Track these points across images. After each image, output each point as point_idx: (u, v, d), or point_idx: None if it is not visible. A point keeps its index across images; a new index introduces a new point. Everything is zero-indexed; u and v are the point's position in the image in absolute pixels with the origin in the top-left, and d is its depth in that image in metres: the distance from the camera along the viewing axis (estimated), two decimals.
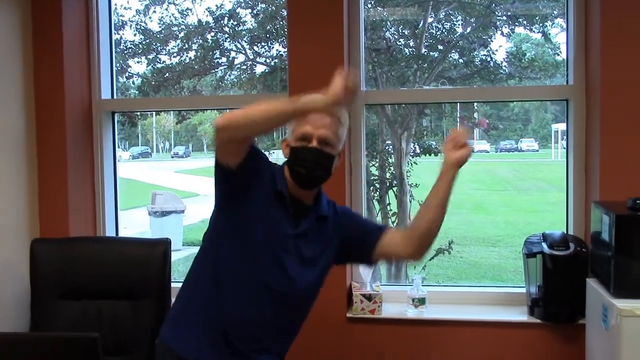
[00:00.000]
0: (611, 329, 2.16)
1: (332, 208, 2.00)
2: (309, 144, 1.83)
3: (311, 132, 1.83)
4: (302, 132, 1.84)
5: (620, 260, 2.22)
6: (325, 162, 1.85)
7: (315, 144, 1.83)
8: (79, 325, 2.62)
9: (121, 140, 4.25)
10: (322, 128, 1.83)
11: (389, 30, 3.83)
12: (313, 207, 1.93)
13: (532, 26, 3.73)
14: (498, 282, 6.00)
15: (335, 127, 1.86)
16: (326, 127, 1.83)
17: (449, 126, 4.97)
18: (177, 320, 1.96)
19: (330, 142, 1.85)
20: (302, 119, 1.83)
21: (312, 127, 1.83)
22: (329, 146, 1.85)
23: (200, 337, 1.88)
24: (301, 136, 1.84)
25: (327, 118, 1.83)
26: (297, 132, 1.85)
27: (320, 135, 1.83)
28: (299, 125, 1.85)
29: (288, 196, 1.88)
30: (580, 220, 2.78)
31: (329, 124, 1.83)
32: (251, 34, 3.84)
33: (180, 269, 5.24)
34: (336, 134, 1.86)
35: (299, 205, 1.90)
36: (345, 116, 1.91)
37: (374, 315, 2.79)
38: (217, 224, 1.94)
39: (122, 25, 3.73)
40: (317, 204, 1.94)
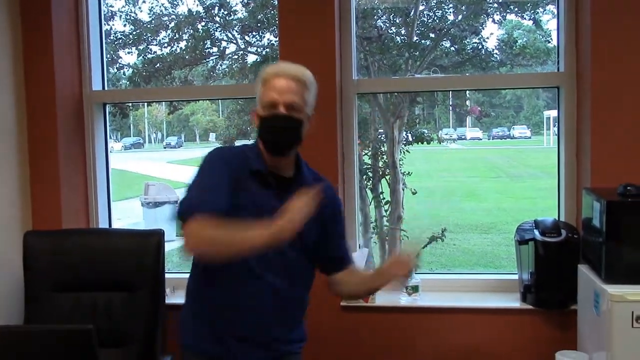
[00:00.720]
0: (602, 315, 2.17)
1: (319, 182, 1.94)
2: (276, 111, 1.83)
3: (277, 98, 1.83)
4: (268, 100, 1.84)
5: (611, 246, 2.23)
6: (293, 127, 1.85)
7: (283, 109, 1.83)
8: (74, 317, 2.62)
9: (113, 131, 4.24)
10: (288, 93, 1.83)
11: (380, 18, 3.82)
12: (295, 179, 1.92)
13: (524, 13, 3.73)
14: (491, 269, 6.04)
15: (302, 91, 1.86)
16: (292, 92, 1.84)
17: (441, 114, 4.98)
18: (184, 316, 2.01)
19: (297, 106, 1.84)
20: (267, 88, 1.84)
21: (278, 94, 1.83)
22: (296, 111, 1.84)
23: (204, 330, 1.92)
24: (268, 104, 1.84)
25: (293, 83, 1.84)
26: (263, 100, 1.85)
27: (286, 100, 1.83)
28: (265, 94, 1.85)
29: (267, 172, 1.87)
30: (572, 207, 2.80)
31: (295, 88, 1.84)
32: (242, 23, 3.83)
33: (174, 260, 5.23)
34: (302, 98, 1.86)
35: (280, 179, 1.89)
36: (311, 79, 1.90)
37: (368, 304, 2.80)
38: None
39: (111, 16, 3.70)
40: (298, 174, 1.93)
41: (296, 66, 1.90)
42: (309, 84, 1.89)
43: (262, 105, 1.86)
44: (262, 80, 1.88)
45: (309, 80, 1.89)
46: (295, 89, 1.84)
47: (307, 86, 1.88)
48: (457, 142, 6.16)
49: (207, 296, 1.92)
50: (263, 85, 1.87)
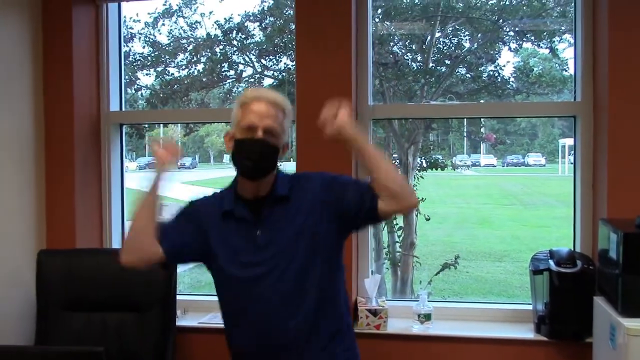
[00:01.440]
0: (619, 348, 2.14)
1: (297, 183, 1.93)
2: (254, 135, 1.82)
3: (256, 123, 1.82)
4: (247, 124, 1.83)
5: (628, 278, 2.20)
6: (270, 153, 1.84)
7: (261, 134, 1.82)
8: (84, 336, 2.62)
9: (128, 151, 4.26)
10: (267, 118, 1.82)
11: (396, 44, 3.84)
12: (269, 196, 1.89)
13: (540, 41, 3.72)
14: (504, 297, 5.96)
15: (280, 118, 1.86)
16: (271, 118, 1.83)
17: (455, 141, 4.97)
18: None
19: (275, 132, 1.84)
20: (247, 111, 1.83)
21: (257, 118, 1.82)
22: (273, 137, 1.84)
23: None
24: (246, 127, 1.83)
25: (272, 108, 1.84)
26: (242, 123, 1.84)
27: (265, 125, 1.82)
28: (244, 117, 1.84)
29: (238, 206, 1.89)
30: (588, 237, 2.77)
31: (274, 114, 1.84)
32: (259, 47, 3.86)
33: (185, 281, 5.23)
34: (281, 125, 1.86)
35: (258, 202, 1.88)
36: (289, 107, 1.90)
37: (380, 331, 2.77)
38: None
39: (131, 38, 3.74)
40: (272, 189, 1.90)
41: (275, 92, 1.91)
42: (287, 111, 1.90)
43: (240, 128, 1.85)
44: (241, 103, 1.87)
45: (287, 107, 1.90)
46: (274, 114, 1.84)
47: (285, 112, 1.88)
48: (471, 169, 6.13)
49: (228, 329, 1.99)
50: (240, 108, 1.86)
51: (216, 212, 1.91)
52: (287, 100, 1.91)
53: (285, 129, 1.89)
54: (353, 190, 1.87)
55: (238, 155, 1.86)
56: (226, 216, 1.89)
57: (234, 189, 1.93)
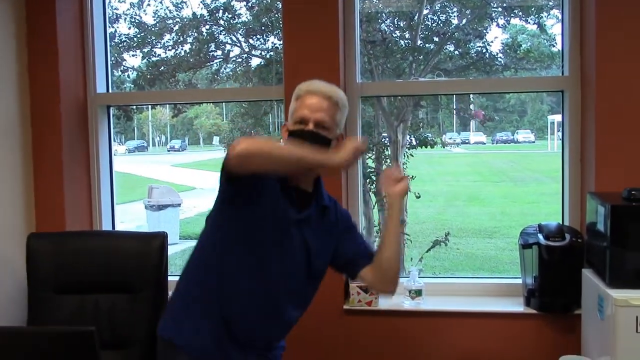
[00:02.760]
0: (607, 319, 2.17)
1: (333, 202, 2.02)
2: (305, 127, 1.85)
3: (308, 115, 1.85)
4: (299, 116, 1.87)
5: (615, 250, 2.23)
6: (320, 144, 1.84)
7: (312, 126, 1.85)
8: (76, 319, 2.62)
9: (117, 134, 4.24)
10: (319, 112, 1.85)
11: (384, 22, 3.82)
12: (314, 194, 1.94)
13: (528, 17, 3.72)
14: (494, 273, 6.02)
15: (333, 111, 1.88)
16: (323, 111, 1.86)
17: (445, 118, 4.97)
18: (177, 313, 1.95)
19: (327, 125, 1.87)
20: (301, 104, 1.87)
21: (309, 111, 1.85)
22: (325, 129, 1.86)
23: (202, 330, 1.88)
24: (299, 119, 1.87)
25: (325, 102, 1.86)
26: (295, 115, 1.88)
27: (316, 118, 1.85)
28: (298, 110, 1.88)
29: (289, 184, 1.89)
30: (576, 211, 2.79)
31: (326, 107, 1.87)
32: (246, 26, 3.83)
33: (177, 263, 5.24)
34: (333, 118, 1.88)
35: (300, 192, 1.91)
36: (344, 100, 1.93)
37: (371, 307, 2.80)
38: (221, 219, 1.91)
39: (116, 19, 3.71)
40: (317, 191, 1.95)
41: (330, 86, 1.93)
42: (342, 105, 1.92)
43: (293, 121, 1.89)
44: (296, 96, 1.92)
45: (341, 102, 1.92)
46: (327, 108, 1.87)
47: (339, 107, 1.91)
48: (460, 146, 6.15)
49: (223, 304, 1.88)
50: (296, 101, 1.91)
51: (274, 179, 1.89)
52: (341, 93, 1.93)
53: (337, 122, 1.91)
54: (362, 243, 2.05)
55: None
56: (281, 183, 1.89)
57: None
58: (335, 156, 1.78)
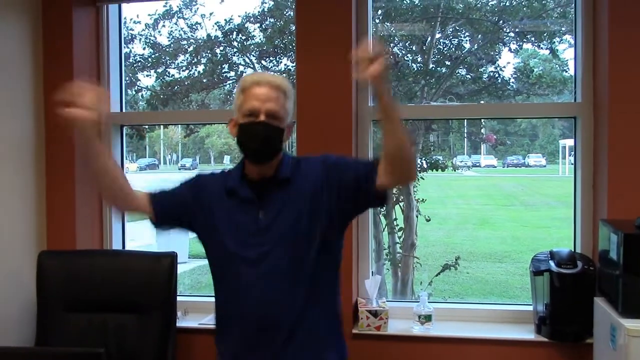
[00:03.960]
0: (619, 349, 2.14)
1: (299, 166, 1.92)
2: (257, 119, 1.83)
3: (258, 106, 1.82)
4: (249, 108, 1.83)
5: (628, 279, 2.20)
6: (274, 136, 1.85)
7: (263, 117, 1.83)
8: (85, 337, 2.62)
9: (129, 152, 4.26)
10: (269, 102, 1.83)
11: (396, 45, 3.84)
12: (274, 177, 1.90)
13: (540, 42, 3.72)
14: (505, 298, 5.96)
15: (282, 100, 1.86)
16: (273, 101, 1.83)
17: (456, 141, 4.97)
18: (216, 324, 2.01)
19: (278, 115, 1.84)
20: (248, 96, 1.84)
21: (259, 102, 1.83)
22: (276, 120, 1.84)
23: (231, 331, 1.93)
24: (249, 112, 1.84)
25: (274, 91, 1.84)
26: (244, 108, 1.85)
27: (267, 109, 1.83)
28: (246, 102, 1.84)
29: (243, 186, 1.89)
30: (588, 238, 2.77)
31: (275, 97, 1.84)
32: (260, 48, 3.86)
33: (186, 282, 5.23)
34: (284, 107, 1.86)
35: (262, 183, 1.89)
36: (289, 88, 1.90)
37: (380, 332, 2.77)
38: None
39: (131, 39, 3.75)
40: (277, 171, 1.90)
41: (274, 75, 1.93)
42: (289, 92, 1.90)
43: (242, 114, 1.85)
44: (241, 88, 1.88)
45: (288, 89, 1.90)
46: (276, 97, 1.84)
47: (287, 95, 1.88)
48: (471, 170, 6.13)
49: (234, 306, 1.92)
50: (242, 93, 1.87)
51: (221, 189, 1.93)
52: (287, 81, 1.91)
53: (287, 110, 1.89)
54: (353, 166, 1.90)
55: (242, 139, 1.87)
56: (230, 194, 1.90)
57: (241, 168, 1.94)
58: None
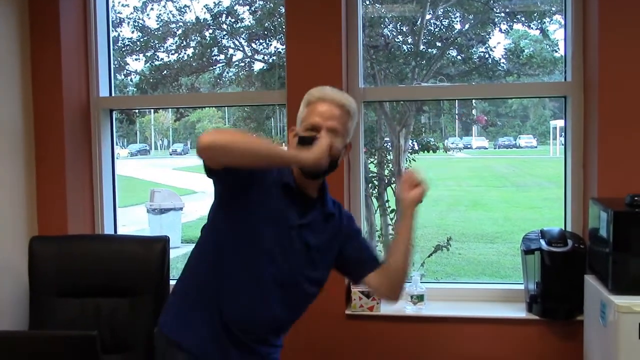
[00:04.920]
0: (609, 325, 2.16)
1: (337, 208, 2.00)
2: (317, 134, 1.82)
3: (320, 123, 1.83)
4: (311, 123, 1.84)
5: (618, 256, 2.23)
6: (331, 154, 1.83)
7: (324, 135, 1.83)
8: (78, 322, 2.62)
9: (119, 138, 4.24)
10: (331, 120, 1.83)
11: (387, 27, 3.82)
12: (319, 200, 1.93)
13: (531, 23, 3.72)
14: (496, 278, 6.01)
15: (345, 119, 1.86)
16: (335, 119, 1.84)
17: (447, 123, 4.97)
18: (177, 312, 1.94)
19: (338, 134, 1.85)
20: (312, 111, 1.85)
21: (322, 119, 1.83)
22: (336, 138, 1.84)
23: (201, 328, 1.87)
24: (310, 127, 1.84)
25: (337, 110, 1.84)
26: (306, 122, 1.85)
27: (329, 126, 1.83)
28: (309, 116, 1.85)
29: (295, 187, 1.88)
30: (579, 217, 2.79)
31: (338, 115, 1.84)
32: (249, 31, 3.83)
33: (178, 266, 5.22)
34: (345, 126, 1.87)
35: (304, 196, 1.90)
36: (355, 108, 1.91)
37: (373, 313, 2.79)
38: (218, 220, 1.91)
39: (119, 23, 3.71)
40: (322, 196, 1.94)
41: (342, 93, 1.92)
42: (353, 113, 1.90)
43: (304, 127, 1.86)
44: (307, 102, 1.89)
45: (352, 110, 1.90)
46: (339, 116, 1.85)
47: (350, 115, 1.89)
48: (463, 151, 6.15)
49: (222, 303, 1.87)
50: (307, 107, 1.88)
51: (277, 177, 1.89)
52: (352, 101, 1.91)
53: (348, 130, 1.90)
54: (366, 248, 2.02)
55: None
56: (285, 188, 1.88)
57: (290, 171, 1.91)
58: (307, 154, 1.74)
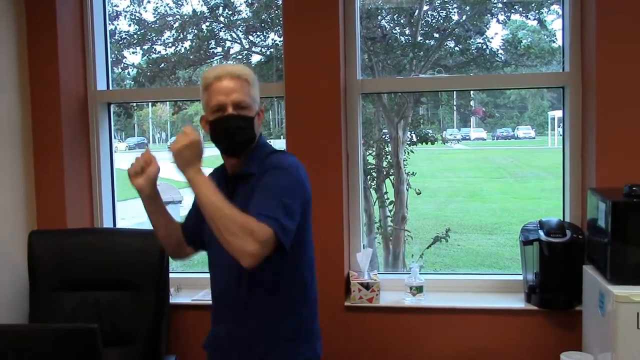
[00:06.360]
0: (608, 315, 2.17)
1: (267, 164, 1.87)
2: (225, 113, 1.83)
3: (224, 100, 1.82)
4: (216, 104, 1.83)
5: (616, 246, 2.23)
6: (245, 125, 1.85)
7: (231, 110, 1.83)
8: (77, 316, 2.63)
9: (117, 131, 4.23)
10: (233, 93, 1.82)
11: (384, 18, 3.81)
12: (241, 171, 1.91)
13: (528, 13, 3.71)
14: (495, 269, 6.02)
15: (246, 88, 1.85)
16: (237, 92, 1.83)
17: (445, 115, 4.97)
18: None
19: (245, 104, 1.84)
20: (212, 92, 1.84)
21: (224, 95, 1.82)
22: (244, 109, 1.84)
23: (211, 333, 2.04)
24: (216, 107, 1.84)
25: (235, 82, 1.83)
26: (211, 105, 1.85)
27: (233, 100, 1.82)
28: (211, 98, 1.84)
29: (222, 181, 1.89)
30: (577, 207, 2.79)
31: (239, 87, 1.84)
32: (246, 23, 3.82)
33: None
34: (249, 94, 1.86)
35: (234, 179, 1.92)
36: (252, 75, 1.89)
37: (372, 304, 2.80)
38: None
39: (116, 16, 3.70)
40: (245, 165, 1.91)
41: (232, 65, 1.94)
42: (251, 79, 1.89)
43: (211, 111, 1.85)
44: (204, 86, 1.88)
45: (250, 76, 1.88)
46: (240, 87, 1.84)
47: (249, 82, 1.87)
48: (461, 143, 6.14)
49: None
50: (206, 91, 1.87)
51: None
52: (248, 69, 1.90)
53: (254, 97, 1.88)
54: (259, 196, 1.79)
55: (215, 136, 1.88)
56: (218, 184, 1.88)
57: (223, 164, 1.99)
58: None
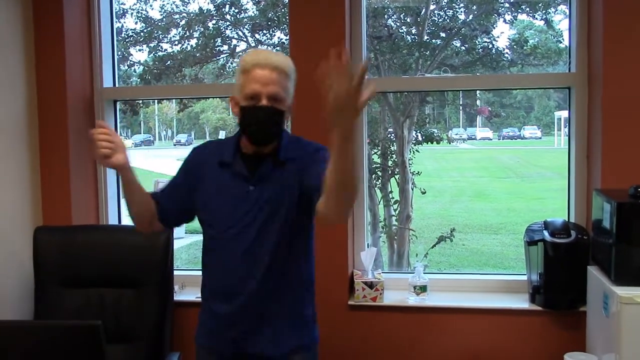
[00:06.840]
0: (612, 316, 2.16)
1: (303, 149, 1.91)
2: (258, 103, 1.81)
3: (260, 90, 1.80)
4: (251, 92, 1.81)
5: (621, 248, 2.22)
6: (277, 119, 1.84)
7: (265, 102, 1.81)
8: (82, 312, 2.64)
9: (123, 128, 4.25)
10: (271, 84, 1.80)
11: (390, 17, 3.81)
12: (271, 154, 1.89)
13: (535, 13, 3.71)
14: (500, 269, 6.01)
15: (284, 82, 1.84)
16: (274, 84, 1.81)
17: (451, 114, 4.96)
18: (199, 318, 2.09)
19: (280, 97, 1.83)
20: (249, 78, 1.81)
21: (261, 85, 1.80)
22: (278, 102, 1.83)
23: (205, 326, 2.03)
24: (250, 95, 1.81)
25: (275, 73, 1.81)
26: (245, 91, 1.82)
27: (269, 92, 1.80)
28: (247, 84, 1.81)
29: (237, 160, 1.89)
30: (582, 208, 2.78)
31: (277, 79, 1.81)
32: (253, 21, 3.83)
33: (182, 257, 5.26)
34: (285, 88, 1.84)
35: (256, 158, 1.89)
36: (292, 68, 1.88)
37: (376, 303, 2.80)
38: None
39: (123, 14, 3.71)
40: (276, 149, 1.90)
41: (275, 54, 1.89)
42: (290, 72, 1.87)
43: (244, 96, 1.83)
44: (242, 69, 1.84)
45: (290, 69, 1.87)
46: (278, 80, 1.82)
47: (288, 75, 1.86)
48: (467, 142, 6.14)
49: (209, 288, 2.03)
50: (243, 74, 1.83)
51: (215, 160, 1.93)
52: (288, 61, 1.87)
53: (289, 91, 1.87)
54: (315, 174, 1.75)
55: (244, 122, 1.85)
56: (223, 166, 1.91)
57: (236, 142, 1.93)
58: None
